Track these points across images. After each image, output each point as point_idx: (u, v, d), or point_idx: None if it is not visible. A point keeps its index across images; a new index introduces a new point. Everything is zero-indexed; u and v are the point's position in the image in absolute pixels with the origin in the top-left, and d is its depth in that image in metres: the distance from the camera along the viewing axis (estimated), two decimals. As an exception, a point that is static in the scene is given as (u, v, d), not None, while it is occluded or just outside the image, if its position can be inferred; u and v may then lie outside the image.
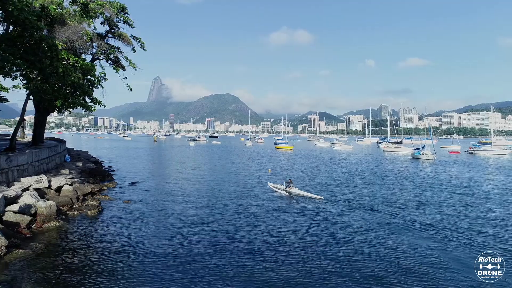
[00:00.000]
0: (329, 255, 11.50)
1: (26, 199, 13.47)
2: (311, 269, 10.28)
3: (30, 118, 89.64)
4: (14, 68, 16.77)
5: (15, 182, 15.61)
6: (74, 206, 16.30)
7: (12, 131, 23.82)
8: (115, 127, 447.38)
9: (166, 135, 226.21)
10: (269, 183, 25.32)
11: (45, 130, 33.12)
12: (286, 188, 22.11)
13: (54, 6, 20.12)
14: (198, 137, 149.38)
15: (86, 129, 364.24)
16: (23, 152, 18.37)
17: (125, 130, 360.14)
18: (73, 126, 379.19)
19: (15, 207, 12.66)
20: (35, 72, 18.54)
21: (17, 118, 26.16)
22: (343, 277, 9.79)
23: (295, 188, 21.84)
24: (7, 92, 17.96)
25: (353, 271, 10.24)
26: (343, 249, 12.09)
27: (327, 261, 10.91)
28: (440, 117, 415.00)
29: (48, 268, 9.81)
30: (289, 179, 23.11)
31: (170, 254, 11.21)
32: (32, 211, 13.12)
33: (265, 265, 10.49)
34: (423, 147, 58.43)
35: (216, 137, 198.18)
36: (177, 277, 9.52)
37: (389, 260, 11.30)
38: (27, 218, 12.57)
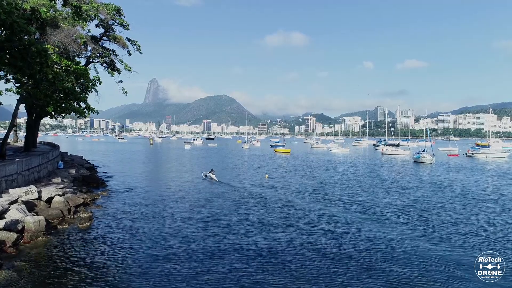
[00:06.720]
0: (335, 256, 10.95)
1: (13, 214, 12.68)
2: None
3: (24, 119, 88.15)
4: (3, 73, 16.03)
5: (3, 194, 14.80)
6: (65, 219, 15.51)
7: (4, 136, 22.93)
8: (111, 129, 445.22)
9: (162, 137, 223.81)
10: (202, 173, 33.21)
11: (41, 133, 32.35)
12: (208, 174, 31.52)
13: (45, 9, 19.35)
14: (194, 139, 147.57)
15: (82, 131, 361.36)
16: (12, 161, 17.56)
17: (121, 132, 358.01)
18: (69, 128, 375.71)
19: (1, 223, 11.86)
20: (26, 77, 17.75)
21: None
22: (342, 275, 9.68)
23: (214, 175, 30.72)
24: (0, 94, 17.18)
25: (353, 270, 10.39)
26: (345, 248, 11.60)
27: (336, 265, 10.37)
28: (436, 118, 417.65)
29: (34, 292, 9.08)
30: (211, 169, 32.64)
31: (166, 270, 10.48)
32: (19, 227, 12.34)
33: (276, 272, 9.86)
34: (423, 151, 57.74)
35: (213, 139, 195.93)
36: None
37: (389, 260, 11.32)
38: (13, 236, 11.74)
